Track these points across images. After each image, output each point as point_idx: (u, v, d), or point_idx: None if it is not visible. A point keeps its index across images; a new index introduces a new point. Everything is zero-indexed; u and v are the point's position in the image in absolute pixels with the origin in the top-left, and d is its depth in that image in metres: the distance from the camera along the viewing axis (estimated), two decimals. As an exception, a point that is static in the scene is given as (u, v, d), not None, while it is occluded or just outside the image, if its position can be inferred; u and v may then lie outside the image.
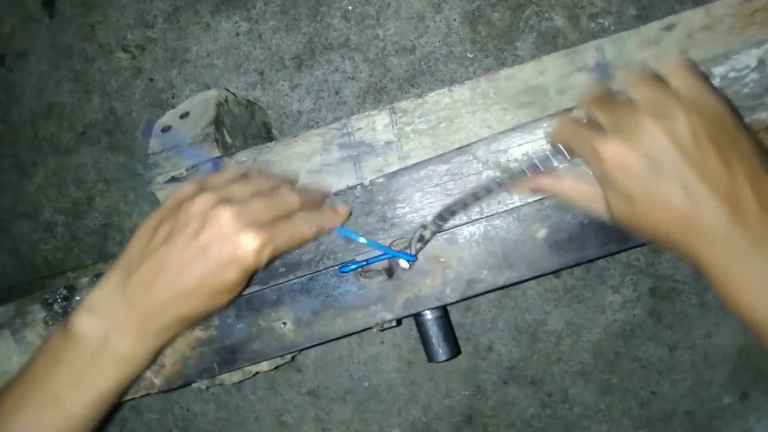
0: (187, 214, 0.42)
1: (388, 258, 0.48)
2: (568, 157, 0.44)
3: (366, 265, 0.48)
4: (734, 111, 0.40)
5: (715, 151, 0.37)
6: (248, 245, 0.40)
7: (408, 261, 0.48)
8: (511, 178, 0.46)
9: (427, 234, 0.48)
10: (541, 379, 0.75)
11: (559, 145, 0.44)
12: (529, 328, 0.75)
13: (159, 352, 0.47)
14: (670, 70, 0.41)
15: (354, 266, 0.49)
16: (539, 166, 0.45)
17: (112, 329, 0.43)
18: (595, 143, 0.39)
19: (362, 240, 0.48)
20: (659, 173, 0.38)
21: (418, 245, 0.48)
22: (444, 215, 0.48)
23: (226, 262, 0.41)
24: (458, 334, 0.75)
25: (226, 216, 0.41)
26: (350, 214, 0.49)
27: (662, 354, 0.74)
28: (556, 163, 0.45)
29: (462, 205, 0.48)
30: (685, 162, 0.37)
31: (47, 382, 0.43)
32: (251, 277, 0.45)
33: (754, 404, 0.73)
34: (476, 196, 0.47)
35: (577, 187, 0.44)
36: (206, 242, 0.41)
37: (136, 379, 0.46)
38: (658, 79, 0.40)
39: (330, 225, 0.47)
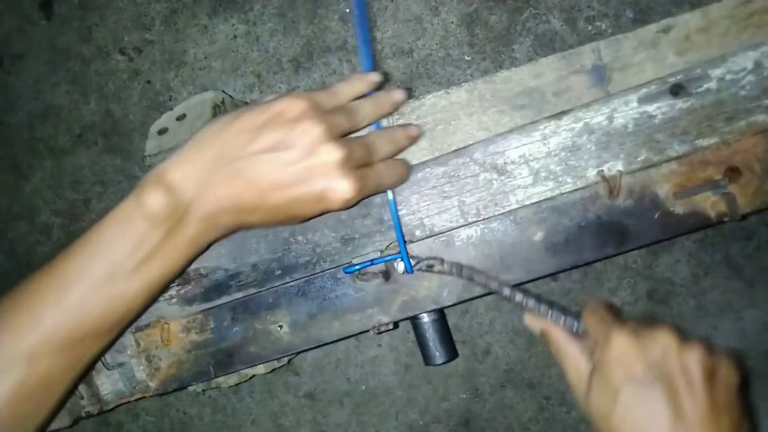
0: (299, 137, 0.41)
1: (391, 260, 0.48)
2: (576, 330, 0.45)
3: (370, 265, 0.48)
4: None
5: (710, 401, 0.38)
6: (344, 192, 0.41)
7: (406, 270, 0.48)
8: (531, 303, 0.46)
9: (437, 268, 0.48)
10: (538, 382, 0.75)
11: (576, 323, 0.46)
12: (527, 331, 0.75)
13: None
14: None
15: (358, 266, 0.48)
16: (558, 320, 0.46)
17: (189, 213, 0.41)
18: (611, 330, 0.41)
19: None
20: (656, 388, 0.38)
21: (424, 267, 0.48)
22: (464, 271, 0.47)
23: (317, 198, 0.41)
24: (455, 336, 0.75)
25: (334, 156, 0.41)
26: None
27: (660, 357, 0.74)
28: (572, 329, 0.46)
29: (485, 280, 0.47)
30: (687, 395, 0.38)
31: (110, 254, 0.41)
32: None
33: (750, 407, 0.73)
34: (501, 286, 0.47)
35: (577, 359, 0.44)
36: (309, 174, 0.41)
37: (189, 265, 0.46)
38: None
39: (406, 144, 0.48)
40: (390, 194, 0.48)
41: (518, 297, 0.46)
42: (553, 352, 0.46)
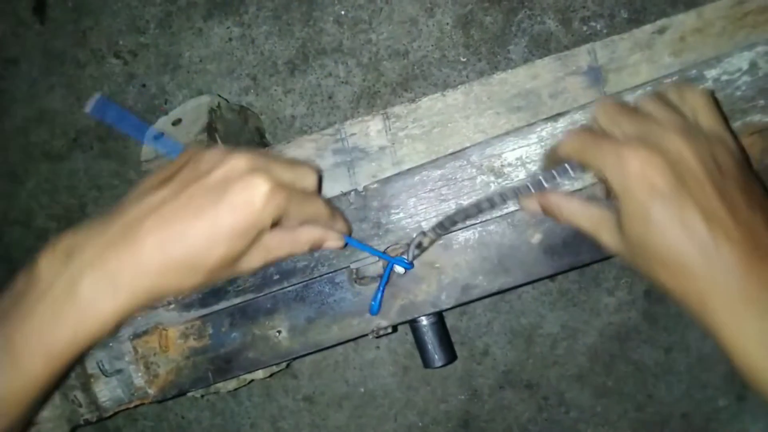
0: (196, 162, 0.38)
1: (390, 264, 0.48)
2: (573, 174, 0.42)
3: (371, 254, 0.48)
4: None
5: (738, 188, 0.35)
6: (259, 186, 0.36)
7: (405, 268, 0.48)
8: (515, 193, 0.45)
9: (425, 242, 0.47)
10: (537, 382, 0.75)
11: (566, 164, 0.41)
12: (525, 332, 0.75)
13: (131, 316, 0.38)
14: (690, 96, 0.39)
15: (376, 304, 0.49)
16: (544, 183, 0.43)
17: (83, 274, 0.36)
18: (621, 149, 0.36)
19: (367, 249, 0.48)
20: (683, 192, 0.35)
21: (416, 251, 0.48)
22: (445, 224, 0.47)
23: (232, 205, 0.36)
24: (454, 338, 0.75)
25: (240, 160, 0.37)
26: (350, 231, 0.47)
27: (658, 356, 0.74)
28: (559, 181, 0.43)
29: (464, 215, 0.47)
30: (711, 187, 0.35)
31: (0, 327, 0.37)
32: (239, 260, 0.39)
33: (749, 406, 0.73)
34: (479, 208, 0.46)
35: (587, 210, 0.42)
36: (214, 185, 0.37)
37: (100, 340, 0.39)
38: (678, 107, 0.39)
39: (338, 225, 0.44)
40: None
41: (498, 199, 0.45)
42: (565, 221, 0.43)
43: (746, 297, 0.33)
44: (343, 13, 0.75)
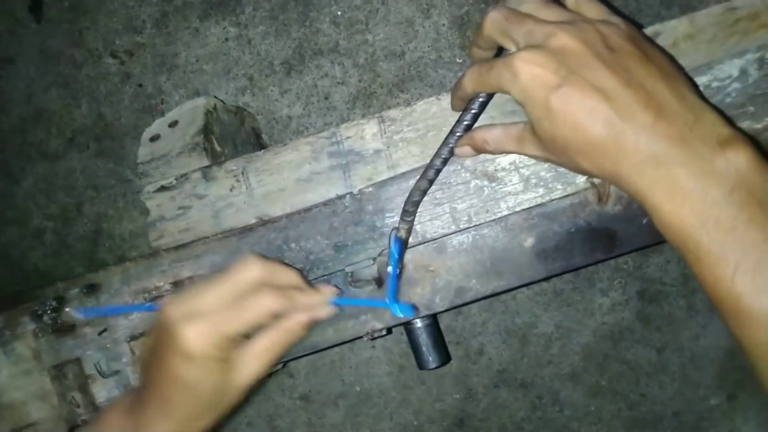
0: (158, 326, 0.42)
1: (382, 306, 0.47)
2: (482, 99, 0.43)
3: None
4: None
5: (632, 61, 0.36)
6: (184, 331, 0.39)
7: (405, 314, 0.46)
8: (448, 146, 0.45)
9: (402, 234, 0.48)
10: (531, 382, 0.76)
11: (477, 98, 0.43)
12: (519, 332, 0.76)
13: None
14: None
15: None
16: (468, 122, 0.44)
17: (140, 429, 0.43)
18: (509, 61, 0.38)
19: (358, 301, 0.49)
20: (577, 80, 0.36)
21: (393, 243, 0.48)
22: (408, 209, 0.48)
23: (173, 354, 0.40)
24: (449, 338, 0.76)
25: (172, 313, 0.40)
26: (334, 293, 0.45)
27: (651, 356, 0.75)
28: (475, 110, 0.43)
29: (420, 192, 0.47)
30: (602, 67, 0.36)
31: None
32: (227, 375, 0.42)
33: (740, 405, 0.74)
34: (428, 178, 0.47)
35: (506, 132, 0.43)
36: (162, 346, 0.41)
37: None
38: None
39: (299, 301, 0.43)
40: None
41: (439, 162, 0.45)
42: (496, 150, 0.44)
43: (653, 156, 0.35)
44: (339, 13, 0.75)
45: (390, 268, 0.47)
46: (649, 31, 0.50)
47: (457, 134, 0.45)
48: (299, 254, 0.50)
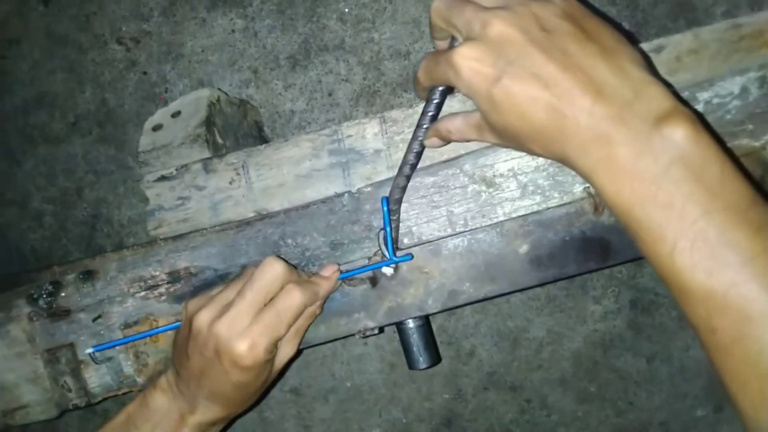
0: (196, 333, 0.46)
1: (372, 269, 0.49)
2: (441, 88, 0.43)
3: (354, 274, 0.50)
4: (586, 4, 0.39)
5: (569, 41, 0.36)
6: (239, 349, 0.44)
7: (390, 265, 0.49)
8: (417, 139, 0.46)
9: (393, 205, 0.48)
10: (520, 385, 0.77)
11: (436, 89, 0.43)
12: (511, 335, 0.76)
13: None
14: None
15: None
16: (432, 113, 0.44)
17: (180, 414, 0.49)
18: (448, 59, 0.38)
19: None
20: (515, 69, 0.36)
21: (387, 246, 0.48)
22: (392, 207, 0.48)
23: (230, 366, 0.45)
24: (441, 338, 0.76)
25: (220, 330, 0.45)
26: (339, 271, 0.50)
27: (640, 365, 0.75)
28: (437, 100, 0.44)
29: (399, 189, 0.48)
30: (539, 54, 0.36)
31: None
32: (271, 366, 0.49)
33: (726, 417, 0.74)
34: (404, 175, 0.47)
35: (467, 120, 0.43)
36: (212, 356, 0.45)
37: None
38: None
39: (320, 289, 0.48)
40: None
41: (412, 156, 0.46)
42: (459, 139, 0.45)
43: (595, 137, 0.35)
44: (346, 10, 0.75)
45: (386, 230, 0.48)
46: (653, 44, 0.50)
47: (425, 126, 0.45)
48: (295, 250, 0.51)
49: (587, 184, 0.48)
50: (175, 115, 0.60)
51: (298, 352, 0.51)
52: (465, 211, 0.49)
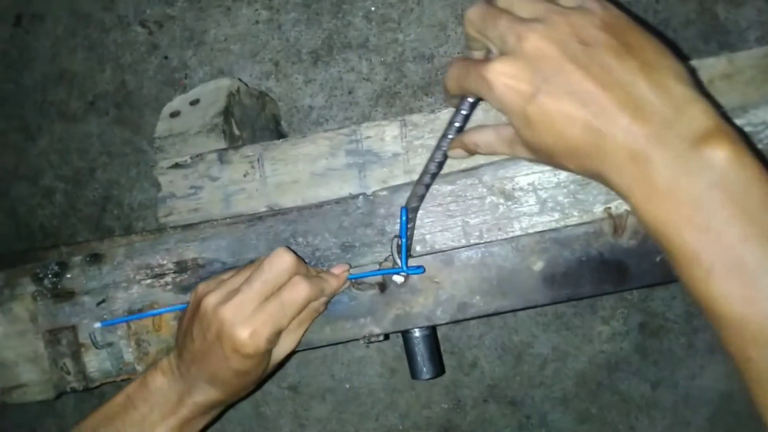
0: (202, 315, 0.46)
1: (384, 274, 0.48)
2: (471, 100, 0.41)
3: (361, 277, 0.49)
4: (627, 12, 0.38)
5: (608, 56, 0.35)
6: (240, 335, 0.44)
7: (401, 273, 0.48)
8: (441, 149, 0.45)
9: (413, 204, 0.47)
10: (521, 400, 0.75)
11: (465, 100, 0.42)
12: (515, 349, 0.75)
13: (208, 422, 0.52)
14: None
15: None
16: (457, 124, 0.43)
17: (179, 395, 0.49)
18: (481, 73, 0.37)
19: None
20: (551, 87, 0.35)
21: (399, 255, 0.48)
22: (409, 215, 0.47)
23: (230, 352, 0.44)
24: (444, 346, 0.75)
25: (225, 314, 0.44)
26: (349, 271, 0.49)
27: (644, 390, 0.74)
28: (468, 113, 0.42)
29: (417, 198, 0.47)
30: (577, 71, 0.35)
31: (121, 422, 0.49)
32: (270, 356, 0.48)
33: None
34: (424, 183, 0.46)
35: (498, 134, 0.42)
36: (214, 339, 0.45)
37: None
38: None
39: (327, 285, 0.47)
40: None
41: (433, 166, 0.45)
42: (487, 152, 0.44)
43: (632, 156, 0.34)
44: (373, 9, 0.75)
45: (402, 241, 0.47)
46: (686, 66, 0.49)
47: (449, 137, 0.44)
48: (305, 249, 0.50)
49: (608, 204, 0.47)
50: (194, 102, 0.59)
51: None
52: (481, 223, 0.48)
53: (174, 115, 0.58)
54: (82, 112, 0.80)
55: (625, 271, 0.47)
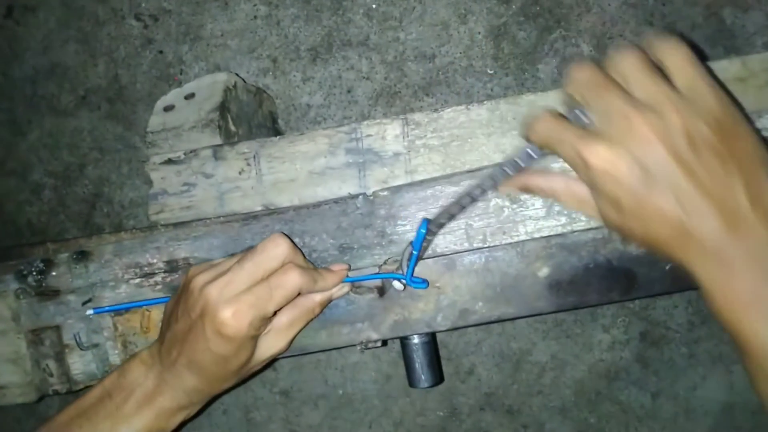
0: (189, 294, 0.44)
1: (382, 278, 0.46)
2: (547, 152, 0.41)
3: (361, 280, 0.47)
4: (738, 108, 0.37)
5: (713, 160, 0.35)
6: (223, 314, 0.42)
7: (400, 280, 0.46)
8: (492, 180, 0.44)
9: (434, 227, 0.45)
10: (518, 409, 0.74)
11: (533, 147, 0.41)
12: (513, 357, 0.74)
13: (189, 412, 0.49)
14: (668, 53, 0.37)
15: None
16: (520, 163, 0.42)
17: (156, 382, 0.46)
18: (580, 149, 0.36)
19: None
20: (651, 183, 0.35)
21: (409, 263, 0.46)
22: (432, 229, 0.45)
23: (212, 332, 0.42)
24: (441, 353, 0.73)
25: (210, 292, 0.43)
26: (347, 271, 0.47)
27: (644, 400, 0.72)
28: (536, 157, 0.41)
29: (448, 216, 0.45)
30: (680, 171, 0.34)
31: (95, 415, 0.46)
32: (254, 347, 0.45)
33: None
34: (461, 205, 0.45)
35: (568, 189, 0.41)
36: (197, 318, 0.43)
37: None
38: (653, 64, 0.37)
39: (321, 280, 0.45)
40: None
41: (478, 192, 0.44)
42: (545, 196, 0.44)
43: (717, 259, 0.35)
44: (374, 6, 0.73)
45: (414, 253, 0.46)
46: (697, 68, 0.48)
47: (506, 171, 0.43)
48: (302, 250, 0.48)
49: (617, 210, 0.45)
50: (189, 97, 0.57)
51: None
52: (485, 226, 0.47)
53: (168, 108, 0.56)
54: (73, 106, 0.78)
55: (634, 279, 0.46)
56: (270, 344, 0.46)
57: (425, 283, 0.46)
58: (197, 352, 0.44)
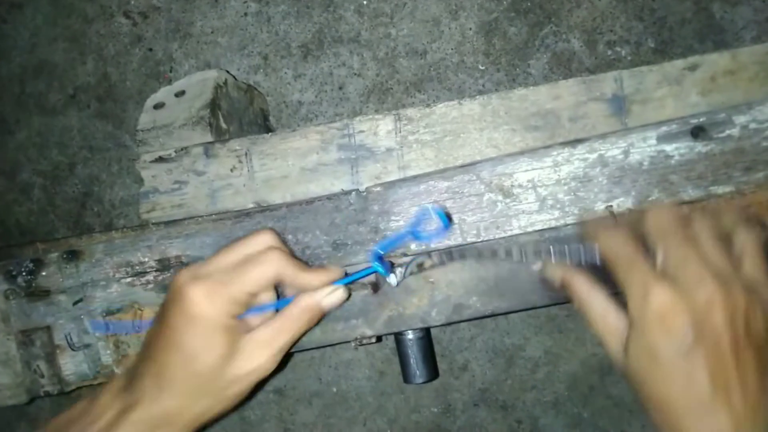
0: (169, 289, 0.42)
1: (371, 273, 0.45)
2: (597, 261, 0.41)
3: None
4: None
5: (760, 351, 0.35)
6: (192, 292, 0.39)
7: (384, 275, 0.45)
8: (537, 254, 0.44)
9: (428, 264, 0.46)
10: (512, 404, 0.74)
11: (597, 253, 0.41)
12: (507, 352, 0.74)
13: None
14: (748, 237, 0.38)
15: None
16: (567, 255, 0.43)
17: (121, 408, 0.42)
18: (648, 283, 0.36)
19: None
20: (698, 350, 0.35)
21: (414, 269, 0.46)
22: (454, 255, 0.46)
23: (181, 319, 0.40)
24: (434, 349, 0.73)
25: (184, 276, 0.40)
26: (344, 274, 0.43)
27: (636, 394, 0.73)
28: (586, 260, 0.42)
29: (476, 253, 0.46)
30: (730, 353, 0.35)
31: None
32: (226, 344, 0.41)
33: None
34: (494, 253, 0.45)
35: (605, 312, 0.41)
36: (166, 312, 0.41)
37: None
38: (726, 233, 0.38)
39: (308, 275, 0.42)
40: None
41: (516, 253, 0.44)
42: (577, 305, 0.43)
43: None
44: (365, 2, 0.73)
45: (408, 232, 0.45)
46: (687, 61, 0.48)
47: (552, 251, 0.44)
48: (295, 247, 0.48)
49: (610, 203, 0.46)
50: (179, 94, 0.57)
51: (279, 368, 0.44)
52: (478, 221, 0.47)
53: (158, 106, 0.56)
54: (62, 105, 0.77)
55: (627, 271, 0.46)
56: (250, 357, 0.41)
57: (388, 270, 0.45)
58: (164, 352, 0.40)
